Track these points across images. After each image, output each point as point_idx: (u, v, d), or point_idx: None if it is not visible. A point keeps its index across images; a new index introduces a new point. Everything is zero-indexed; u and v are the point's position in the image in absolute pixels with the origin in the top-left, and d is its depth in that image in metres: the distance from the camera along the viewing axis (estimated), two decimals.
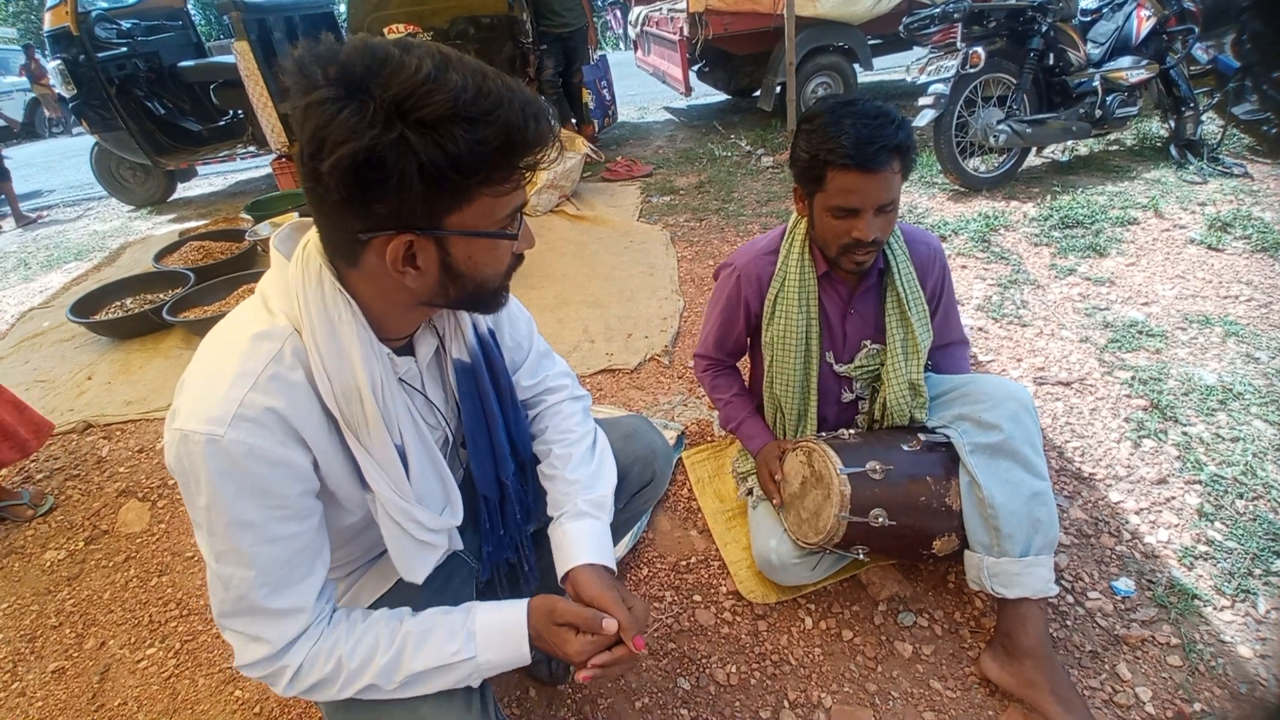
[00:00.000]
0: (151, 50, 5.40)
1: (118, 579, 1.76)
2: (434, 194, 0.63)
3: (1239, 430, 1.76)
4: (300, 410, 0.71)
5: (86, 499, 2.05)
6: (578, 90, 5.40)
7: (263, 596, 0.72)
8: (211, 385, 0.68)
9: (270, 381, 0.68)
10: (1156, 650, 1.30)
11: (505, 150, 0.64)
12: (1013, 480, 1.24)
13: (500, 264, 0.74)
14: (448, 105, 0.59)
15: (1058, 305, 2.49)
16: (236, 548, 0.70)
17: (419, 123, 0.59)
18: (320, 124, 0.59)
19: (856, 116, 1.14)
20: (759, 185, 4.24)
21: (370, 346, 0.73)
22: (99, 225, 5.45)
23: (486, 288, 0.75)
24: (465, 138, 0.60)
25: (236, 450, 0.66)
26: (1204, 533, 1.51)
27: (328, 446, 0.74)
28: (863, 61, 5.32)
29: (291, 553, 0.73)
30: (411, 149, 0.59)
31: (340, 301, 0.71)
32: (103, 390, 2.61)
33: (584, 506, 0.95)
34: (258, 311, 0.73)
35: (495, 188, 0.66)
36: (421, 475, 0.82)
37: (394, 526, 0.80)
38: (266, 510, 0.70)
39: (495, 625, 0.81)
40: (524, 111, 0.64)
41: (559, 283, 3.12)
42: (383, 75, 0.59)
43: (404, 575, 0.84)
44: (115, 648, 1.57)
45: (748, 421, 1.57)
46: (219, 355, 0.71)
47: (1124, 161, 3.83)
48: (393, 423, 0.77)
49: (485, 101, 0.61)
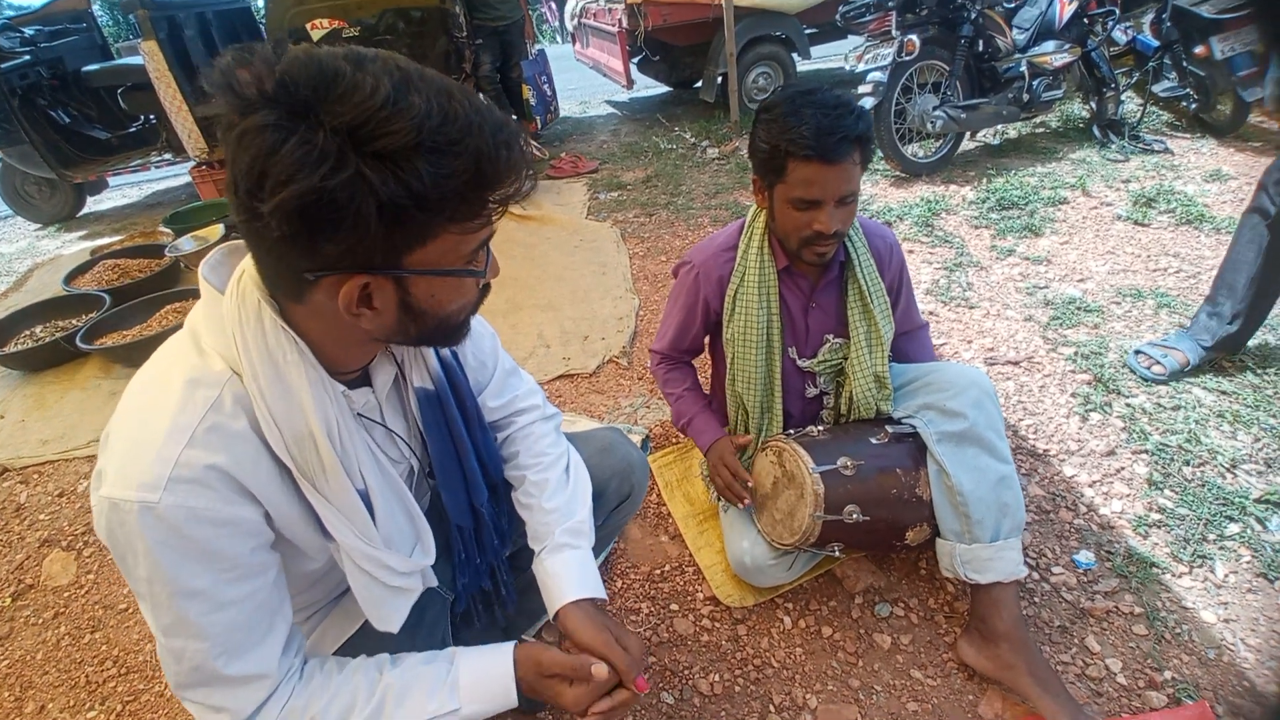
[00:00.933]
0: (55, 56, 4.99)
1: (49, 637, 1.61)
2: (393, 233, 0.56)
3: (1179, 399, 1.84)
4: (246, 464, 0.63)
5: (9, 550, 1.87)
6: (517, 86, 5.26)
7: (221, 665, 0.65)
8: (141, 443, 0.60)
9: (209, 434, 0.61)
10: (1121, 620, 1.34)
11: (475, 184, 0.57)
12: (979, 466, 1.25)
13: (466, 299, 0.68)
14: (410, 134, 0.51)
15: (1001, 286, 2.56)
16: (184, 619, 0.62)
17: (376, 155, 0.51)
18: (258, 155, 0.50)
19: (816, 106, 1.12)
20: (706, 177, 4.24)
21: (322, 387, 0.66)
22: (4, 247, 5.03)
23: (450, 323, 0.69)
24: (429, 171, 0.53)
25: (175, 516, 0.59)
26: (1155, 501, 1.57)
27: (281, 500, 0.67)
28: (801, 50, 5.37)
29: (248, 614, 0.66)
30: (369, 186, 0.51)
31: (285, 340, 0.63)
32: (16, 430, 2.40)
33: (562, 538, 0.90)
34: (188, 352, 0.65)
35: (462, 224, 0.59)
36: (388, 516, 0.75)
37: (363, 576, 0.73)
38: (215, 574, 0.63)
39: (480, 674, 0.76)
40: (495, 138, 0.57)
41: (510, 287, 3.04)
42: (332, 97, 0.50)
43: (377, 625, 0.77)
44: (55, 711, 1.43)
45: (699, 417, 1.53)
46: (148, 406, 0.62)
47: (1051, 143, 3.98)
48: (353, 466, 0.70)
49: (452, 128, 0.54)
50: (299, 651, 0.75)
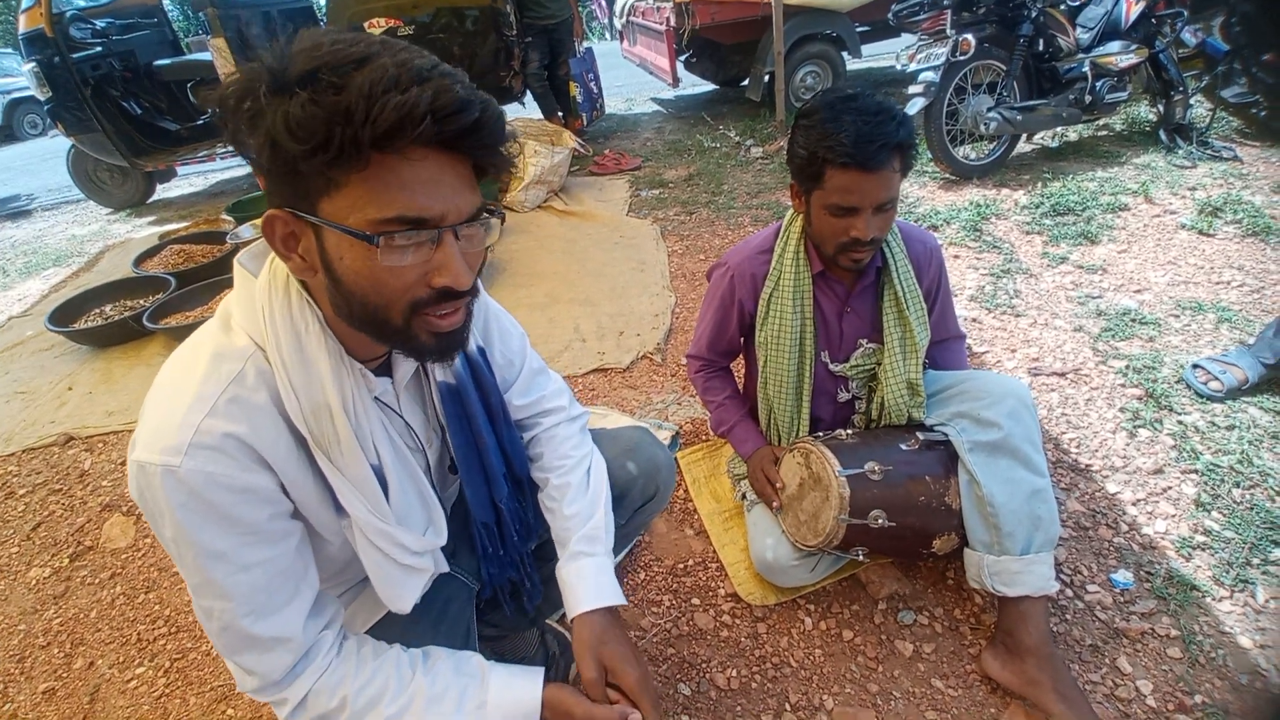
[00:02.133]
0: (127, 49, 5.28)
1: (104, 596, 1.72)
2: (284, 170, 0.58)
3: (1234, 418, 1.76)
4: (264, 435, 0.67)
5: (70, 514, 2.00)
6: (564, 83, 5.32)
7: (248, 625, 0.69)
8: (167, 412, 0.64)
9: (229, 405, 0.65)
10: (1156, 643, 1.29)
11: (342, 118, 0.54)
12: (1013, 478, 1.22)
13: (384, 285, 0.62)
14: (308, 66, 0.55)
15: (1051, 294, 2.48)
16: (210, 579, 0.67)
17: (280, 83, 0.55)
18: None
19: (857, 113, 1.11)
20: (749, 177, 4.21)
21: (340, 360, 0.70)
22: (77, 229, 5.35)
23: (380, 315, 0.64)
24: (305, 101, 0.54)
25: (195, 480, 0.62)
26: (1201, 523, 1.51)
27: (297, 472, 0.71)
28: (851, 49, 5.28)
29: (270, 578, 0.70)
30: (263, 108, 0.56)
31: (308, 313, 0.68)
32: (84, 401, 2.56)
33: (578, 545, 0.93)
34: (217, 331, 0.70)
35: (346, 172, 0.57)
36: (401, 494, 0.78)
37: (375, 553, 0.76)
38: (236, 538, 0.67)
39: (509, 704, 0.79)
40: (391, 82, 0.54)
41: (549, 280, 3.09)
42: (301, 40, 0.58)
43: (389, 604, 0.80)
44: (104, 667, 1.54)
45: (740, 425, 1.55)
46: (176, 379, 0.67)
47: (1114, 147, 3.82)
48: (367, 441, 0.73)
49: (348, 66, 0.55)
50: (332, 624, 0.78)
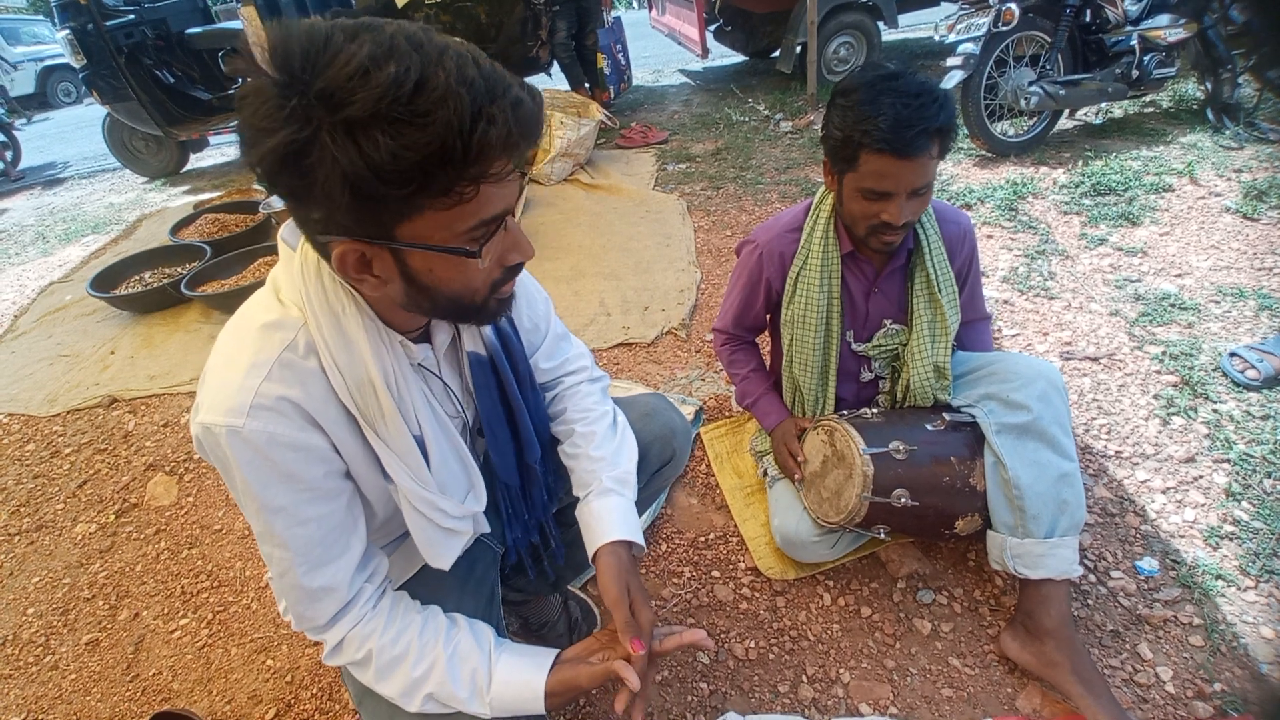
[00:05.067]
0: (159, 17, 5.31)
1: (149, 551, 1.80)
2: (365, 204, 0.56)
3: (1270, 408, 1.72)
4: (316, 399, 0.70)
5: (115, 473, 2.09)
6: (592, 54, 5.25)
7: (302, 574, 0.74)
8: (227, 377, 0.68)
9: (283, 370, 0.68)
10: (1178, 630, 1.29)
11: (440, 160, 0.54)
12: (1040, 461, 1.21)
13: (472, 280, 0.66)
14: (370, 104, 0.51)
15: (1087, 277, 2.42)
16: (271, 530, 0.72)
17: (342, 124, 0.52)
18: (246, 115, 0.54)
19: (897, 94, 1.08)
20: (777, 152, 4.14)
21: (379, 336, 0.72)
22: (114, 197, 5.47)
23: (464, 302, 0.69)
24: (387, 144, 0.52)
25: (258, 439, 0.67)
26: (1230, 512, 1.49)
27: (346, 437, 0.74)
28: (888, 19, 5.12)
29: (324, 532, 0.75)
30: (331, 154, 0.52)
31: (342, 294, 0.70)
32: (126, 365, 2.65)
33: (609, 484, 0.94)
34: (270, 302, 0.73)
35: (438, 200, 0.57)
36: (443, 462, 0.81)
37: (419, 517, 0.80)
38: (295, 494, 0.71)
39: (510, 697, 0.81)
40: (474, 111, 0.53)
41: (575, 254, 3.09)
42: (319, 64, 0.52)
43: (431, 562, 0.85)
44: (149, 619, 1.62)
45: (764, 398, 1.56)
46: (233, 347, 0.70)
47: (1159, 125, 3.68)
48: (409, 413, 0.76)
49: (421, 99, 0.52)
50: (374, 576, 0.82)
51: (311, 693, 1.38)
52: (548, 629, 1.36)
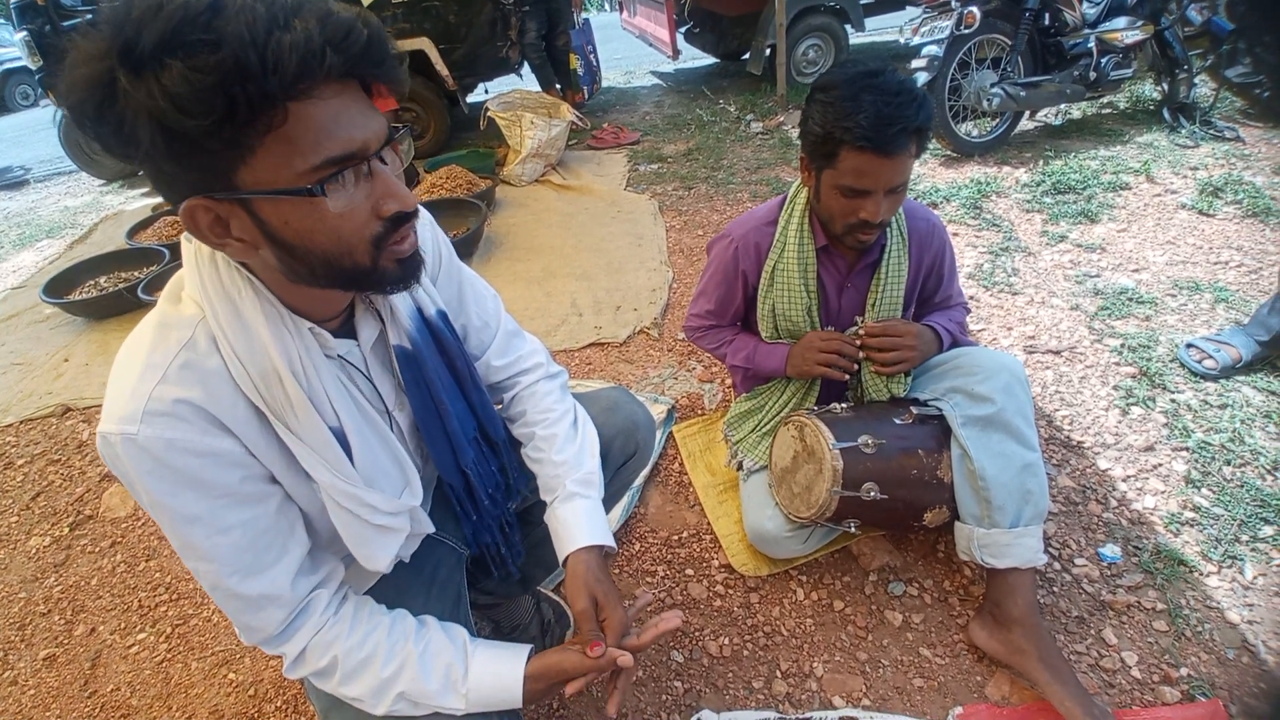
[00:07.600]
0: None
1: (105, 564, 1.74)
2: (186, 149, 0.52)
3: (1227, 397, 1.77)
4: (221, 400, 0.66)
5: (69, 484, 2.02)
6: (564, 55, 5.23)
7: (235, 584, 0.70)
8: (122, 382, 0.64)
9: (181, 371, 0.64)
10: (1142, 615, 1.32)
11: (237, 77, 0.49)
12: (1004, 452, 1.23)
13: (342, 233, 0.61)
14: (164, 30, 0.48)
15: (1049, 273, 2.48)
16: (190, 542, 0.67)
17: (138, 59, 0.49)
18: (66, 71, 0.51)
19: (878, 92, 1.08)
20: (748, 152, 4.17)
21: (281, 322, 0.67)
22: (70, 201, 5.29)
23: (345, 264, 0.62)
24: (179, 68, 0.48)
25: (155, 446, 0.62)
26: (1190, 499, 1.53)
27: (258, 438, 0.69)
28: (854, 22, 5.20)
29: (251, 537, 0.70)
30: (129, 90, 0.49)
31: (238, 279, 0.65)
32: (80, 372, 2.56)
33: (573, 487, 0.93)
34: (166, 303, 0.69)
35: (258, 132, 0.53)
36: (369, 456, 0.76)
37: (344, 514, 0.75)
38: (209, 501, 0.66)
39: (487, 688, 0.80)
40: (269, 20, 0.50)
41: (546, 255, 3.07)
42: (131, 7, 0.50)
43: (365, 564, 0.79)
44: (106, 634, 1.56)
45: (759, 347, 1.48)
46: (130, 350, 0.66)
47: (1117, 125, 3.79)
48: (323, 403, 0.71)
49: (210, 17, 0.49)
50: (327, 583, 0.78)
51: (276, 705, 1.34)
52: (519, 632, 1.33)
